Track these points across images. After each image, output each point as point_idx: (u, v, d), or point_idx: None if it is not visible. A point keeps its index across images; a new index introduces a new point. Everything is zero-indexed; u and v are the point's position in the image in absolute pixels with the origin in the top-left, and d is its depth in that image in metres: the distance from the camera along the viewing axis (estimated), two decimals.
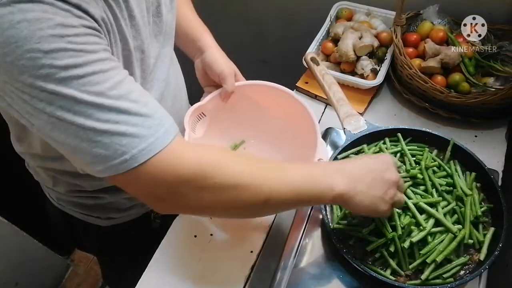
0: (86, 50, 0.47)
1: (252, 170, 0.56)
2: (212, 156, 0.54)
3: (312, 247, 0.80)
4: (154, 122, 0.51)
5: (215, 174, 0.52)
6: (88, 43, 0.47)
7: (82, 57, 0.46)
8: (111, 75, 0.49)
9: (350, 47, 1.07)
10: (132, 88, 0.51)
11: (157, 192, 0.53)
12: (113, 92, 0.48)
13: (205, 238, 0.83)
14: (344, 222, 0.77)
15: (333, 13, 1.22)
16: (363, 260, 0.74)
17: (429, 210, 0.74)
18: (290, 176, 0.58)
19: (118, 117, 0.48)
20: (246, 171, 0.55)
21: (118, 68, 0.51)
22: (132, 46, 0.60)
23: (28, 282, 1.52)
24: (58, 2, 0.45)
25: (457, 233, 0.72)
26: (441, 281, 0.69)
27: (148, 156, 0.49)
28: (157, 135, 0.50)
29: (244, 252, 0.80)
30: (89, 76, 0.47)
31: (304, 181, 0.58)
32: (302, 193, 0.57)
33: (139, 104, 0.50)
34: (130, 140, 0.48)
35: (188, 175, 0.51)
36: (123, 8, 0.57)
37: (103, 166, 0.49)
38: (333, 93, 0.90)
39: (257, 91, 0.84)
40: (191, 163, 0.51)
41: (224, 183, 0.53)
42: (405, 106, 1.06)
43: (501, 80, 0.98)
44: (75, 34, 0.46)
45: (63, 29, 0.44)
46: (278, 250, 0.79)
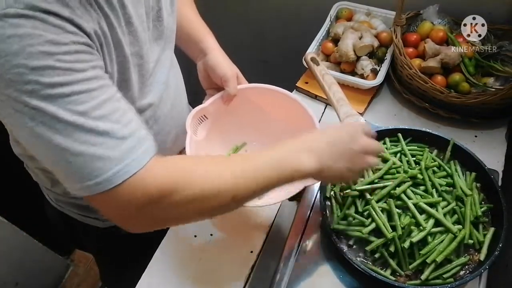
0: (74, 68, 0.47)
1: (215, 172, 0.56)
2: (177, 172, 0.54)
3: (312, 247, 0.80)
4: (131, 145, 0.50)
5: (180, 189, 0.52)
6: (77, 61, 0.47)
7: (69, 76, 0.46)
8: (96, 95, 0.49)
9: (350, 47, 1.07)
10: (116, 107, 0.51)
11: (127, 213, 0.53)
12: (96, 113, 0.48)
13: (205, 238, 0.83)
14: (344, 222, 0.77)
15: (333, 13, 1.22)
16: (363, 260, 0.74)
17: (429, 210, 0.74)
18: (254, 167, 0.57)
19: (96, 139, 0.48)
20: (211, 176, 0.55)
21: (105, 87, 0.51)
22: (129, 53, 0.60)
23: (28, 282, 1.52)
24: (50, 17, 0.45)
25: (457, 233, 0.72)
26: (441, 281, 0.69)
27: (122, 179, 0.49)
28: (132, 157, 0.50)
29: (244, 252, 0.80)
30: (74, 95, 0.47)
31: (270, 168, 0.57)
32: (269, 180, 0.57)
33: (120, 125, 0.50)
34: (104, 163, 0.48)
35: (155, 194, 0.51)
36: (120, 15, 0.57)
37: (79, 185, 0.49)
38: (333, 93, 0.90)
39: (259, 94, 0.84)
40: (158, 183, 0.51)
41: (190, 195, 0.53)
42: (405, 106, 1.06)
43: (501, 80, 0.98)
44: (65, 52, 0.46)
45: (53, 47, 0.45)
46: (278, 250, 0.79)
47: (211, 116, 0.82)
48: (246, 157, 0.60)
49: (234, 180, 0.55)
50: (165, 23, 0.70)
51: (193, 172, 0.55)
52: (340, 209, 0.80)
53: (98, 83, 0.50)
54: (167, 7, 0.71)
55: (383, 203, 0.77)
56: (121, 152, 0.49)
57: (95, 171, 0.48)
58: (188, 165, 0.56)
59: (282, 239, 0.81)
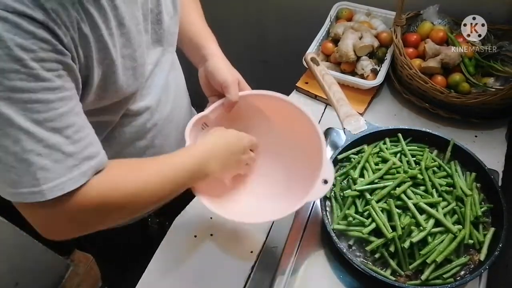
0: (38, 77, 0.47)
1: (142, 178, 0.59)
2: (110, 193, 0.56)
3: (312, 247, 0.80)
4: (73, 163, 0.51)
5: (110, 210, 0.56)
6: (43, 69, 0.47)
7: (32, 83, 0.46)
8: (55, 106, 0.49)
9: (350, 47, 1.08)
10: (71, 122, 0.51)
11: (53, 226, 0.54)
12: (50, 124, 0.49)
13: (205, 238, 0.83)
14: (344, 222, 0.77)
15: (333, 13, 1.22)
16: (363, 260, 0.74)
17: (429, 211, 0.74)
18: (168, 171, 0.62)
19: (42, 150, 0.48)
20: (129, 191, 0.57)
21: (66, 99, 0.51)
22: (119, 55, 0.59)
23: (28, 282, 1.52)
24: (24, 22, 0.45)
25: (457, 234, 0.72)
26: (441, 282, 0.70)
27: (55, 195, 0.49)
28: (70, 176, 0.50)
29: (244, 252, 0.80)
30: (33, 103, 0.47)
31: (182, 177, 0.63)
32: (179, 185, 0.64)
33: (70, 140, 0.51)
34: (45, 175, 0.49)
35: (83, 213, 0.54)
36: (111, 17, 0.56)
37: (12, 190, 0.49)
38: (333, 93, 0.90)
39: (261, 101, 0.80)
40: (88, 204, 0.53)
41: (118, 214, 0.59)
42: (405, 106, 1.06)
43: (501, 80, 0.98)
44: (32, 59, 0.46)
45: (21, 52, 0.45)
46: (278, 250, 0.79)
47: (212, 124, 0.80)
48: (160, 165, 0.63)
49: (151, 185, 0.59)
50: (165, 26, 0.69)
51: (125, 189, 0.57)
52: (340, 209, 0.80)
53: (60, 94, 0.50)
54: (169, 10, 0.70)
55: (383, 203, 0.77)
56: (62, 168, 0.50)
57: (33, 181, 0.48)
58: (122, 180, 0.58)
59: (282, 239, 0.81)
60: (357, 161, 0.84)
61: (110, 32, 0.56)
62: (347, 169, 0.84)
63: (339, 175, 0.84)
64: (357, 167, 0.83)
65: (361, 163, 0.83)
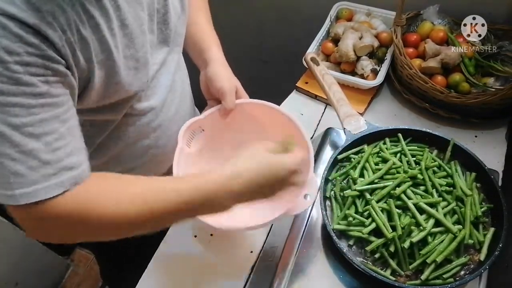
0: (21, 80, 0.46)
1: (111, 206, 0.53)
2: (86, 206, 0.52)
3: (312, 247, 0.80)
4: (49, 172, 0.49)
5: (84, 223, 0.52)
6: (27, 73, 0.46)
7: (13, 86, 0.45)
8: (35, 112, 0.48)
9: (350, 47, 1.08)
10: (52, 129, 0.50)
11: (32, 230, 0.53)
12: (28, 129, 0.47)
13: (205, 238, 0.83)
14: (344, 222, 0.77)
15: (333, 13, 1.22)
16: (363, 260, 0.74)
17: (429, 210, 0.74)
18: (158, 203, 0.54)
19: (17, 155, 0.47)
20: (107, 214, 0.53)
21: (49, 106, 0.49)
22: (121, 55, 0.59)
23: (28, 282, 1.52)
24: (11, 24, 0.44)
25: (457, 233, 0.72)
26: (441, 282, 0.70)
27: (27, 201, 0.48)
28: (45, 184, 0.49)
29: (244, 252, 0.80)
30: (12, 107, 0.46)
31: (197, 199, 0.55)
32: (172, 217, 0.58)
33: (48, 148, 0.49)
34: (18, 180, 0.47)
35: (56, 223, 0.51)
36: (113, 18, 0.55)
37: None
38: (333, 93, 0.90)
39: (258, 110, 0.79)
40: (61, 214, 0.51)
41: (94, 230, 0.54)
42: (405, 106, 1.06)
43: (501, 80, 0.98)
44: (16, 62, 0.45)
45: (5, 54, 0.44)
46: (278, 250, 0.79)
47: (208, 129, 0.79)
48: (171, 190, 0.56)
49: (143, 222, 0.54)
50: (171, 27, 0.69)
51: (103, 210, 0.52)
52: (340, 209, 0.80)
53: (42, 100, 0.48)
54: (177, 10, 0.70)
55: (383, 203, 0.77)
56: (37, 175, 0.48)
57: (6, 184, 0.47)
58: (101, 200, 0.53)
59: (282, 239, 0.81)
60: (357, 161, 0.84)
61: (112, 33, 0.56)
62: (347, 169, 0.84)
63: (339, 175, 0.84)
64: (357, 167, 0.83)
65: (361, 163, 0.83)
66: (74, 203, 0.51)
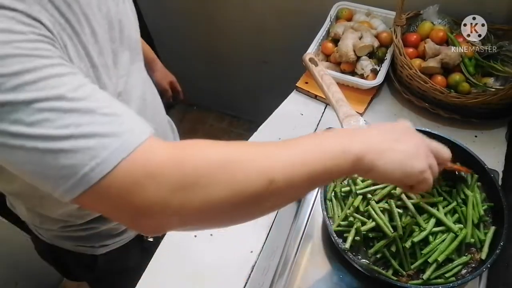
0: (38, 55, 0.42)
1: (241, 148, 0.46)
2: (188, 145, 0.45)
3: (313, 247, 0.80)
4: (125, 120, 0.44)
5: (194, 161, 0.43)
6: (39, 48, 0.43)
7: (34, 62, 0.41)
8: (70, 80, 0.43)
9: (350, 47, 1.08)
10: (95, 91, 0.45)
11: (135, 202, 0.42)
12: (74, 94, 0.42)
13: (205, 238, 0.83)
14: (345, 222, 0.77)
15: (333, 13, 1.22)
16: (364, 260, 0.74)
17: (430, 210, 0.74)
18: (291, 148, 0.48)
19: (81, 119, 0.41)
20: (234, 151, 0.46)
21: (78, 74, 0.45)
22: (98, 63, 0.58)
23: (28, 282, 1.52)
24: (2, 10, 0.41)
25: (458, 233, 0.72)
26: (443, 281, 0.69)
27: (123, 156, 0.41)
28: (129, 133, 0.42)
29: (244, 252, 0.80)
30: (44, 81, 0.41)
31: (310, 150, 0.48)
32: (311, 165, 0.47)
33: (106, 103, 0.44)
34: (98, 141, 0.41)
35: (161, 169, 0.42)
36: (85, 24, 0.54)
37: (72, 181, 0.41)
38: (332, 94, 0.90)
39: None
40: (164, 156, 0.43)
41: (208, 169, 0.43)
42: (405, 106, 1.06)
43: (501, 80, 0.98)
44: (23, 40, 0.41)
45: (9, 35, 0.41)
46: (278, 250, 0.79)
47: None
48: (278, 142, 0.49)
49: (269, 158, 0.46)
50: (128, 34, 0.68)
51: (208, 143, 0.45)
52: (341, 209, 0.80)
53: (68, 69, 0.44)
54: (130, 18, 0.70)
55: (384, 203, 0.77)
56: (114, 126, 0.42)
57: (89, 153, 0.41)
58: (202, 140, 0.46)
59: (282, 239, 0.81)
60: None
61: (87, 39, 0.55)
62: None
63: None
64: None
65: None
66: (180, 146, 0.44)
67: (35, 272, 1.55)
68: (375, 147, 0.50)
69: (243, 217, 0.50)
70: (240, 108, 2.18)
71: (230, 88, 2.03)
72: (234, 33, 1.70)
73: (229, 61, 1.87)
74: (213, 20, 1.72)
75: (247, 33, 1.67)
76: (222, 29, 1.74)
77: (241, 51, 1.79)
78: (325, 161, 0.47)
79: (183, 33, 1.85)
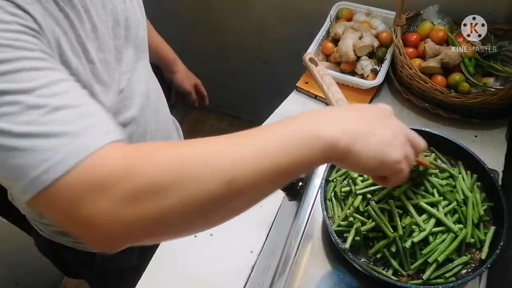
0: (16, 46, 0.41)
1: (196, 149, 0.43)
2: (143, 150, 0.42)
3: (313, 247, 0.80)
4: (90, 122, 0.41)
5: (143, 169, 0.39)
6: (20, 40, 0.42)
7: (10, 52, 0.40)
8: (45, 75, 0.42)
9: (350, 47, 1.08)
10: (71, 89, 0.43)
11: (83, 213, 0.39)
12: (44, 90, 0.40)
13: (205, 238, 0.83)
14: (345, 222, 0.77)
15: (333, 13, 1.22)
16: (365, 260, 0.74)
17: (430, 210, 0.74)
18: (251, 141, 0.44)
19: (44, 117, 0.39)
20: (188, 153, 0.42)
21: (57, 70, 0.44)
22: (97, 59, 0.58)
23: (28, 282, 1.52)
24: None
25: (458, 233, 0.72)
26: (443, 281, 0.69)
27: (75, 160, 0.38)
28: (88, 137, 0.40)
29: (244, 252, 0.80)
30: (17, 73, 0.40)
31: (272, 140, 0.43)
32: (275, 158, 0.42)
33: (77, 102, 0.42)
34: (55, 142, 0.39)
35: (111, 179, 0.39)
36: (85, 20, 0.55)
37: (23, 183, 0.38)
38: (332, 94, 0.90)
39: None
40: (117, 164, 0.39)
41: (158, 176, 0.39)
42: (405, 106, 1.06)
43: (501, 80, 0.98)
44: (5, 30, 0.41)
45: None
46: (278, 250, 0.79)
47: None
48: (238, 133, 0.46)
49: (226, 155, 0.42)
50: (134, 32, 0.69)
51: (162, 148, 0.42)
52: (341, 209, 0.80)
53: (46, 64, 0.43)
54: (137, 15, 0.70)
55: (384, 204, 0.77)
56: (76, 128, 0.40)
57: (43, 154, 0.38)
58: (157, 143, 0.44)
59: (282, 239, 0.81)
60: None
61: (86, 34, 0.55)
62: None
63: (339, 176, 0.84)
64: None
65: None
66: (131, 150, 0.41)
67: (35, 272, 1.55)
68: (350, 131, 0.45)
69: (206, 223, 0.45)
70: (240, 108, 2.18)
71: (230, 88, 2.03)
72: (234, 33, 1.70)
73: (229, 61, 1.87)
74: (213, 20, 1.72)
75: (247, 33, 1.67)
76: (222, 29, 1.75)
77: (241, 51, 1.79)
78: (291, 151, 0.42)
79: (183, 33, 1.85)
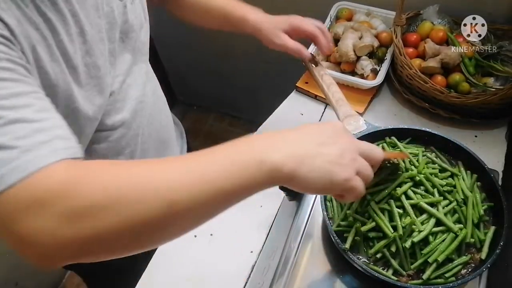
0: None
1: (138, 172, 0.42)
2: (89, 168, 0.42)
3: (313, 247, 0.80)
4: (43, 137, 0.41)
5: (80, 189, 0.39)
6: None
7: None
8: (8, 85, 0.42)
9: (350, 47, 1.08)
10: (32, 102, 0.43)
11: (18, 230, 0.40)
12: (4, 102, 0.40)
13: (205, 238, 0.83)
14: (345, 222, 0.77)
15: (333, 13, 1.22)
16: (365, 260, 0.74)
17: (430, 210, 0.74)
18: (194, 165, 0.43)
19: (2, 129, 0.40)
20: (127, 175, 0.42)
21: (20, 82, 0.43)
22: (82, 63, 0.57)
23: (28, 282, 1.52)
24: None
25: (458, 233, 0.72)
26: (443, 281, 0.69)
27: (18, 177, 0.38)
28: (36, 153, 0.40)
29: (244, 252, 0.80)
30: None
31: (215, 165, 0.43)
32: (217, 182, 0.42)
33: (37, 116, 0.42)
34: (2, 155, 0.39)
35: (51, 197, 0.39)
36: (71, 23, 0.54)
37: None
38: (332, 94, 0.90)
39: None
40: (59, 182, 0.39)
41: (94, 197, 0.39)
42: (405, 106, 1.06)
43: (501, 80, 0.98)
44: None
45: None
46: (279, 250, 0.79)
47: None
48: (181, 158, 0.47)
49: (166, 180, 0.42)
50: (133, 36, 0.68)
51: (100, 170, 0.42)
52: (341, 209, 0.80)
53: (11, 75, 0.42)
54: (139, 19, 0.69)
55: (384, 204, 0.77)
56: (28, 143, 0.40)
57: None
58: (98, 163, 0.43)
59: (282, 239, 0.81)
60: None
61: (71, 39, 0.54)
62: None
63: None
64: None
65: None
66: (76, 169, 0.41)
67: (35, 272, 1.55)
68: (295, 154, 0.45)
69: (149, 244, 0.44)
70: (240, 108, 2.18)
71: (230, 88, 2.03)
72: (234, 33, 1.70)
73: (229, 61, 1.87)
74: None
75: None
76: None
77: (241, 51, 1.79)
78: (234, 176, 0.43)
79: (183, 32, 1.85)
